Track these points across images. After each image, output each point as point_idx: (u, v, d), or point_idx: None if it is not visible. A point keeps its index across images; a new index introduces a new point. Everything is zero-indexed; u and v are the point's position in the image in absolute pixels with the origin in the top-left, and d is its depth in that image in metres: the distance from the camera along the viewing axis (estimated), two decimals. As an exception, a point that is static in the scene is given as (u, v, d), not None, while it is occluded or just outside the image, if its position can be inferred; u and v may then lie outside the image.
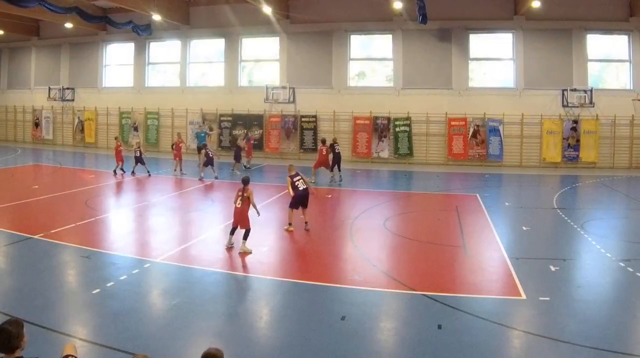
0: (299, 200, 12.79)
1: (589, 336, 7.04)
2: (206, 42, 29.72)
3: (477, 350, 6.64)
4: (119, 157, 21.69)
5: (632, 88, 25.72)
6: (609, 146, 25.64)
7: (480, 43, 27.19)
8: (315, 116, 27.78)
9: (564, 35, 26.11)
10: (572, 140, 25.97)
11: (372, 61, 28.80)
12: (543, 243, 12.21)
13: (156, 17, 26.24)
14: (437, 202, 17.31)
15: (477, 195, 17.89)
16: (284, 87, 27.70)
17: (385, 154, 27.18)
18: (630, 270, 9.85)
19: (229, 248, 10.86)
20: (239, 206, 10.89)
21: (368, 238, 12.46)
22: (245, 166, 23.89)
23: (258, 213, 11.17)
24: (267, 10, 25.31)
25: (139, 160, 21.06)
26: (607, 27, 26.03)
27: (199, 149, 22.78)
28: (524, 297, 8.51)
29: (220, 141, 29.01)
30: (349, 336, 7.08)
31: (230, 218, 11.36)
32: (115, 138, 23.53)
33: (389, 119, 27.00)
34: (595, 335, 7.06)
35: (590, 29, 26.08)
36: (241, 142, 24.44)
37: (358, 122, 27.39)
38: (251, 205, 11.02)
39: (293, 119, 28.06)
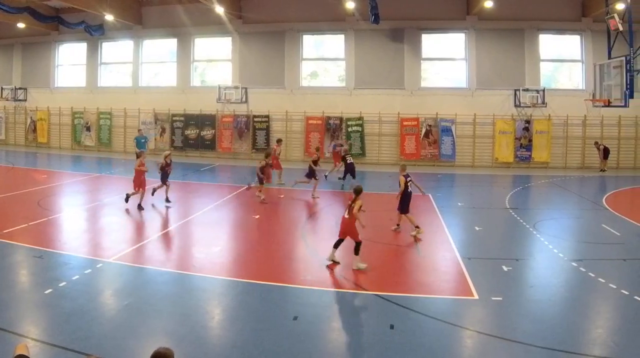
0: (408, 203, 12.14)
1: (542, 336, 6.86)
2: (158, 42, 28.27)
3: (430, 350, 6.47)
4: (140, 182, 14.72)
5: (584, 88, 24.63)
6: (561, 146, 24.56)
7: (432, 43, 26.00)
8: (267, 116, 26.38)
9: (516, 35, 25.04)
10: (524, 140, 24.82)
11: (324, 61, 27.48)
12: (496, 243, 11.90)
13: (109, 17, 24.73)
14: (389, 202, 16.19)
15: (430, 195, 17.11)
16: (236, 87, 26.31)
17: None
18: (583, 270, 9.65)
19: (333, 264, 9.74)
20: (347, 217, 9.73)
21: (320, 239, 12.04)
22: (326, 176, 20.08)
23: (362, 224, 9.76)
24: (220, 10, 23.96)
25: (165, 177, 15.18)
26: (560, 27, 25.05)
27: (138, 156, 19.49)
28: (476, 297, 8.29)
29: (172, 141, 27.54)
30: (301, 336, 6.87)
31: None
32: (137, 154, 16.32)
33: (341, 118, 25.66)
34: (548, 335, 6.89)
35: (543, 29, 25.08)
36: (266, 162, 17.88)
37: (310, 122, 26.02)
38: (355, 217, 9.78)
39: (245, 119, 26.60)
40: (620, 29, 19.21)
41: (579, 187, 20.70)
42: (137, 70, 28.41)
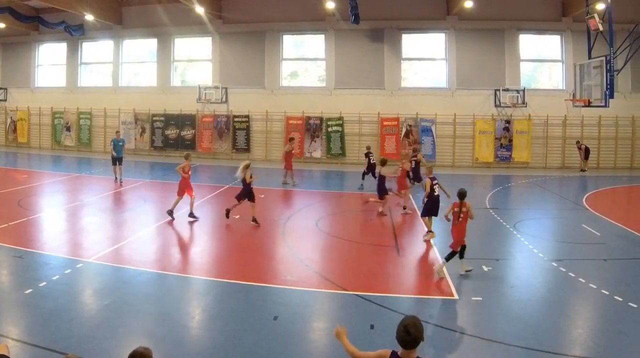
0: (431, 206, 11.51)
1: (521, 336, 6.78)
2: (139, 42, 27.70)
3: None
4: (187, 187, 13.30)
5: (564, 88, 24.17)
6: (541, 146, 24.11)
7: (412, 43, 25.55)
8: (247, 116, 25.79)
9: (496, 35, 24.59)
10: (504, 140, 24.31)
11: (304, 61, 26.99)
12: (476, 243, 11.34)
13: (89, 17, 24.17)
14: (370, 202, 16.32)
15: (410, 194, 16.92)
16: (216, 87, 25.80)
17: (317, 153, 25.27)
18: (563, 270, 9.50)
19: (467, 272, 9.14)
20: (459, 223, 9.10)
21: (301, 238, 11.90)
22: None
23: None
24: (200, 10, 23.42)
25: (247, 194, 12.74)
26: (540, 27, 24.66)
27: (116, 161, 18.36)
28: (456, 297, 8.19)
29: (152, 141, 26.99)
30: (281, 336, 6.76)
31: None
32: (186, 156, 13.71)
33: (321, 119, 25.14)
34: (528, 335, 6.80)
35: (523, 29, 24.66)
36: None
37: (291, 122, 25.45)
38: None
39: (226, 119, 26.02)
40: (601, 29, 18.88)
41: (559, 187, 20.25)
42: (117, 70, 27.75)
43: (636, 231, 12.56)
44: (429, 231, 11.62)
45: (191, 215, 13.10)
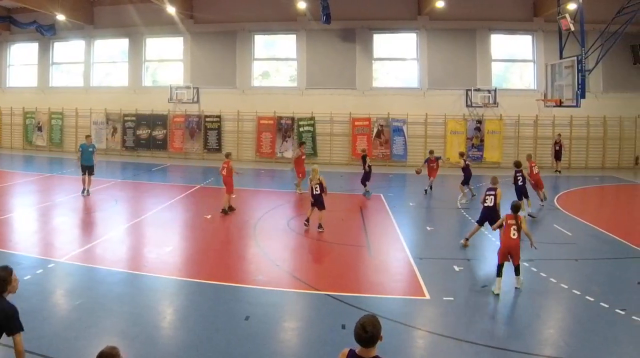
0: (483, 216, 10.82)
1: (493, 336, 6.75)
2: (110, 42, 26.93)
3: (381, 350, 5.86)
4: (230, 186, 13.81)
5: (535, 88, 23.71)
6: (512, 146, 23.48)
7: (384, 43, 24.95)
8: (219, 116, 25.06)
9: (468, 35, 24.05)
10: (476, 140, 23.70)
11: (276, 61, 26.21)
12: (447, 243, 11.47)
13: (60, 17, 23.37)
14: (341, 202, 15.77)
15: (381, 195, 16.66)
16: (188, 87, 25.10)
17: (289, 153, 24.33)
18: (534, 270, 9.38)
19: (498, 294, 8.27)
20: (515, 237, 8.33)
21: (272, 238, 11.70)
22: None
23: (534, 244, 8.62)
24: (171, 10, 22.70)
25: (318, 201, 12.22)
26: (511, 27, 24.09)
27: (85, 170, 15.71)
28: (427, 297, 8.09)
29: (124, 141, 26.25)
30: (252, 336, 6.67)
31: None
32: (227, 155, 14.54)
33: (293, 119, 24.46)
34: (499, 335, 6.80)
35: (495, 29, 24.11)
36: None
37: (262, 122, 24.75)
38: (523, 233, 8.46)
39: (197, 118, 25.26)
40: (572, 29, 18.42)
41: (530, 187, 20.04)
42: (89, 70, 26.88)
43: (607, 231, 12.39)
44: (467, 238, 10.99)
45: (225, 211, 13.58)
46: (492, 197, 10.82)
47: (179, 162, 24.87)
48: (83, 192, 15.70)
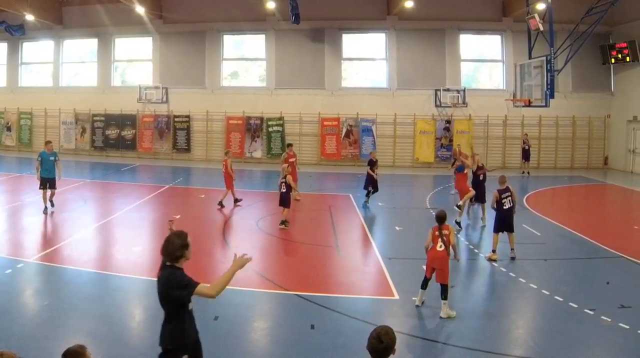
0: (502, 222, 9.92)
1: (462, 336, 6.60)
2: (79, 42, 26.22)
3: (350, 350, 6.15)
4: (230, 182, 14.41)
5: (504, 88, 23.20)
6: (481, 146, 22.78)
7: (353, 43, 24.40)
8: (188, 116, 24.35)
9: (437, 35, 23.52)
10: (445, 140, 23.11)
11: (245, 61, 25.62)
12: (416, 243, 10.79)
13: (29, 17, 22.60)
14: (310, 202, 15.55)
15: (350, 195, 16.38)
16: (157, 87, 24.40)
17: (258, 153, 23.95)
18: (503, 270, 9.26)
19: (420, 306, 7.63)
20: (441, 249, 7.39)
21: (241, 238, 11.65)
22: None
23: (457, 257, 7.92)
24: (140, 10, 21.97)
25: (284, 200, 12.10)
26: (480, 27, 23.63)
27: (46, 183, 13.06)
28: (396, 297, 7.99)
29: (93, 141, 25.50)
30: (222, 336, 6.48)
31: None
32: (226, 153, 15.32)
33: (262, 118, 23.81)
34: (468, 335, 6.64)
35: (464, 29, 23.64)
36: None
37: (231, 122, 24.06)
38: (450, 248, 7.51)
39: (166, 118, 24.55)
40: (541, 28, 17.98)
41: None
42: (58, 70, 26.07)
43: (576, 231, 12.18)
44: (493, 251, 9.97)
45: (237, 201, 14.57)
46: (509, 198, 9.93)
47: (148, 162, 24.18)
48: (45, 210, 12.99)
